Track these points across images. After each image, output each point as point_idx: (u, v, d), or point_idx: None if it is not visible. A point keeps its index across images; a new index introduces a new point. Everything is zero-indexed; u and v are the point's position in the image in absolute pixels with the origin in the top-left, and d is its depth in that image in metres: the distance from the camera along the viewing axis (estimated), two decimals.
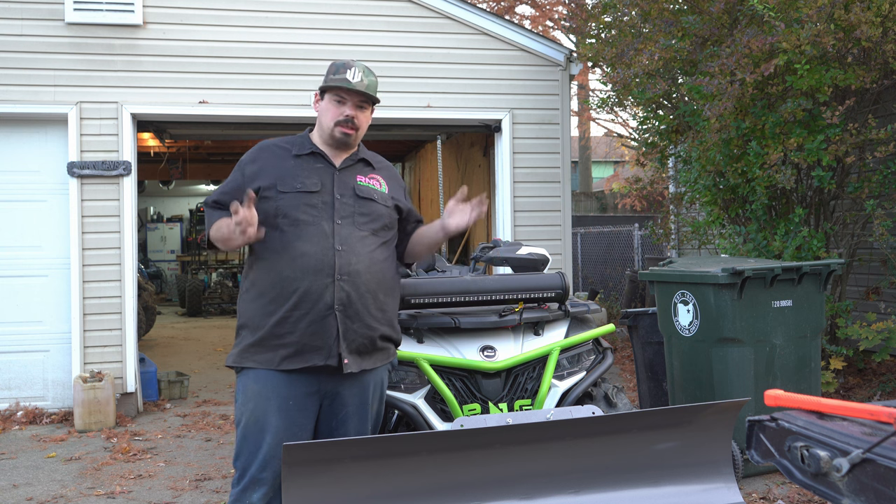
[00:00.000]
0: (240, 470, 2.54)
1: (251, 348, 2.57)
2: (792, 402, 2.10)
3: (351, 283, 2.57)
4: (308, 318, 2.53)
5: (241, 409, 2.57)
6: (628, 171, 17.01)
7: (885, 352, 5.44)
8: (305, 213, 2.57)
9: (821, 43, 4.86)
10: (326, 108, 2.70)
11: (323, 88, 2.72)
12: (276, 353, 2.54)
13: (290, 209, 2.57)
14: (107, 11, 6.19)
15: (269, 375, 2.54)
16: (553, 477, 2.38)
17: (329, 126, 2.68)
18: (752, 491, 4.07)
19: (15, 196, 6.21)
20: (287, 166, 2.65)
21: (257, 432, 2.52)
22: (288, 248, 2.55)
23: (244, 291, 2.66)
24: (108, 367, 6.10)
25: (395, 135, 8.54)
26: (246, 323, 2.62)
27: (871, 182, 5.53)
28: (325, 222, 2.59)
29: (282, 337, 2.53)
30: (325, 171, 2.67)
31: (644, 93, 6.02)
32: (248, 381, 2.57)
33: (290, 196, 2.58)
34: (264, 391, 2.54)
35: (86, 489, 4.42)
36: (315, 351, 2.54)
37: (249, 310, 2.61)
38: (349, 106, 2.68)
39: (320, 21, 6.60)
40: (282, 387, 2.54)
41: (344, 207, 2.63)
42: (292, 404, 2.55)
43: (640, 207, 14.50)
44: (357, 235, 2.63)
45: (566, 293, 3.33)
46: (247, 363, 2.57)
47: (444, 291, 3.13)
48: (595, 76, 16.46)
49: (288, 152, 2.69)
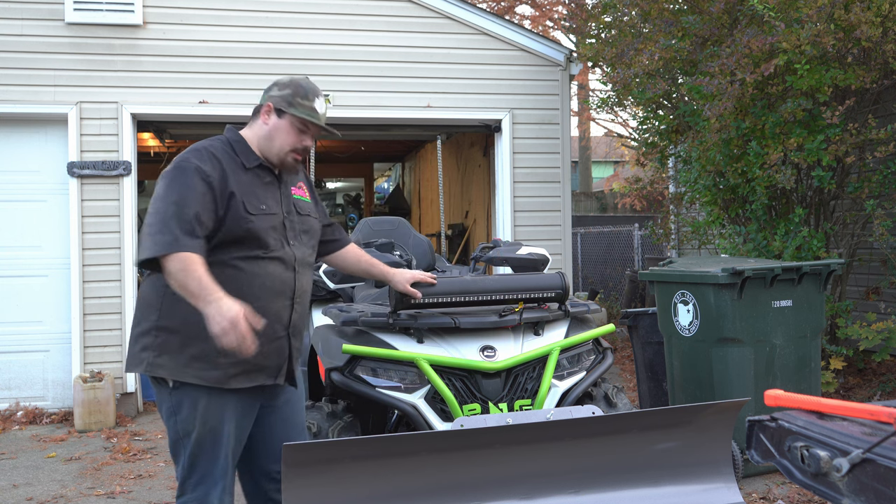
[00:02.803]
0: (197, 476, 2.47)
1: (194, 363, 2.42)
2: (792, 402, 2.10)
3: (300, 304, 2.62)
4: (263, 339, 2.43)
5: (188, 422, 2.44)
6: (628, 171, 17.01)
7: (885, 352, 5.44)
8: (270, 235, 2.51)
9: (821, 43, 4.86)
10: (285, 131, 2.56)
11: (284, 109, 2.56)
12: (224, 372, 2.43)
13: (260, 232, 2.47)
14: (107, 11, 6.19)
15: (220, 392, 2.45)
16: (553, 477, 2.39)
17: (283, 150, 2.56)
18: (752, 491, 4.07)
19: (15, 196, 6.22)
20: (244, 181, 2.50)
21: (213, 441, 2.46)
22: (252, 267, 2.47)
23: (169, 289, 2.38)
24: (108, 367, 6.10)
25: (395, 135, 8.54)
26: (178, 328, 2.42)
27: (871, 182, 5.53)
28: (285, 245, 2.56)
29: (229, 355, 2.37)
30: (273, 188, 2.59)
31: (644, 93, 6.02)
32: (198, 395, 2.43)
33: (258, 218, 2.47)
34: (217, 405, 2.46)
35: (86, 489, 4.42)
36: (263, 370, 2.53)
37: (182, 314, 2.39)
38: (309, 136, 2.61)
39: (320, 21, 6.60)
40: (232, 400, 2.49)
41: (293, 227, 2.62)
42: (241, 412, 2.53)
43: (640, 207, 14.50)
44: (305, 255, 2.66)
45: (566, 293, 3.33)
46: (189, 379, 2.42)
47: (444, 291, 3.13)
48: (595, 76, 16.47)
49: (236, 162, 2.52)
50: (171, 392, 2.46)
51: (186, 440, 2.47)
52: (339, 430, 3.19)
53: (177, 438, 2.49)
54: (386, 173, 18.18)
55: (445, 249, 8.80)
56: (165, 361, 2.43)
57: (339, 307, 3.47)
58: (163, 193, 2.40)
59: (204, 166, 2.42)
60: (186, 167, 2.41)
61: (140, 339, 2.49)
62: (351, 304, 3.79)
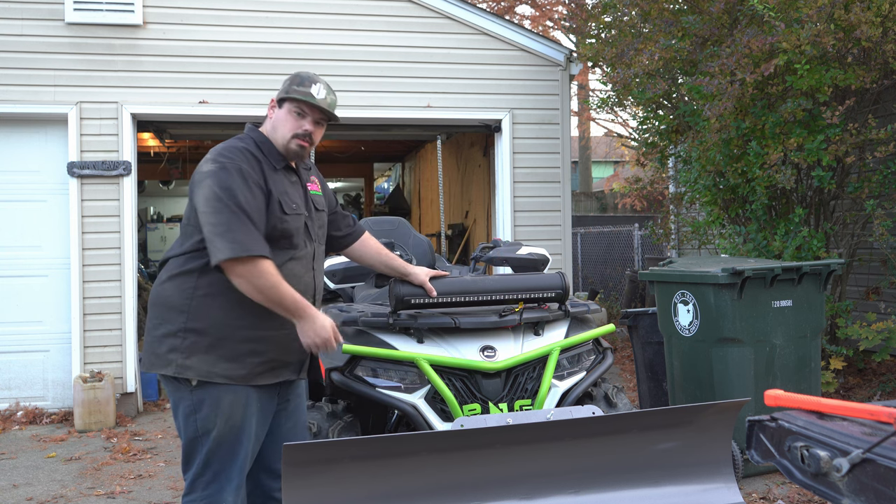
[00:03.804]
0: (210, 475, 2.51)
1: (222, 363, 2.49)
2: (792, 402, 2.10)
3: (318, 301, 2.73)
4: (289, 336, 2.58)
5: (209, 420, 2.49)
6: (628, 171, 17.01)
7: (885, 352, 5.44)
8: (299, 235, 2.61)
9: (821, 43, 4.86)
10: (285, 119, 2.63)
11: (283, 98, 2.63)
12: (249, 371, 2.52)
13: (293, 232, 2.57)
14: (107, 11, 6.19)
15: (244, 389, 2.52)
16: (553, 477, 2.39)
17: (285, 137, 2.62)
18: (752, 491, 4.07)
19: (15, 196, 6.22)
20: (277, 181, 2.57)
21: (234, 440, 2.51)
22: (282, 268, 2.51)
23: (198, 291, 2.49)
24: (108, 367, 6.11)
25: (395, 135, 8.55)
26: (207, 330, 2.48)
27: (871, 182, 5.53)
28: (308, 244, 2.66)
29: (258, 354, 2.52)
30: (299, 188, 2.68)
31: (644, 93, 6.02)
32: (220, 393, 2.49)
33: (292, 218, 2.57)
34: (241, 401, 2.51)
35: (86, 489, 4.42)
36: (286, 367, 2.64)
37: (211, 316, 2.49)
38: (308, 121, 2.65)
39: (320, 21, 6.60)
40: (254, 397, 2.56)
41: (313, 226, 2.69)
42: (261, 408, 2.60)
43: (640, 207, 14.50)
44: (320, 252, 2.74)
45: (566, 293, 3.33)
46: (216, 379, 2.48)
47: (444, 291, 3.13)
48: (595, 76, 16.46)
49: (268, 163, 2.59)
50: (191, 391, 2.50)
51: (205, 438, 2.50)
52: (339, 430, 3.19)
53: (195, 437, 2.52)
54: (386, 173, 18.18)
55: (445, 249, 8.80)
56: (194, 363, 2.48)
57: (339, 307, 3.47)
58: (218, 194, 2.42)
59: (248, 167, 2.49)
60: (230, 168, 2.46)
61: (165, 341, 2.52)
62: (351, 304, 3.79)
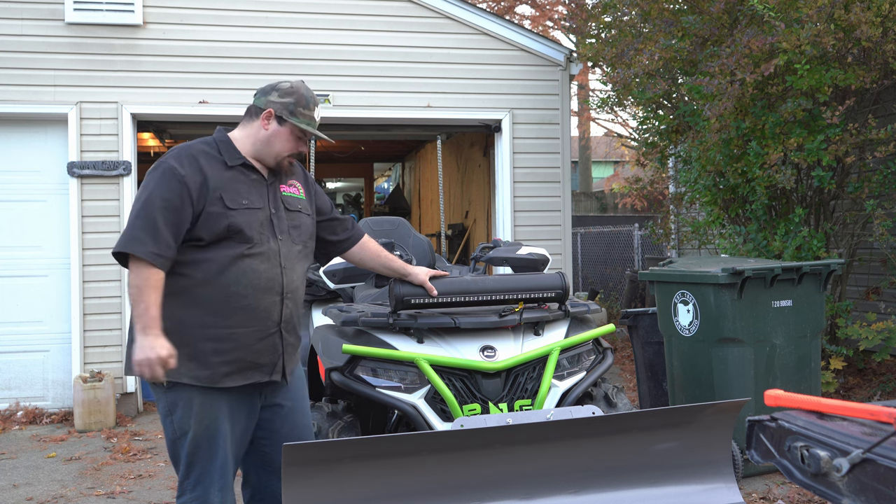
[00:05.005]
0: (195, 477, 2.50)
1: (188, 363, 2.45)
2: (792, 402, 2.10)
3: (292, 300, 2.65)
4: (254, 336, 2.52)
5: (184, 421, 2.48)
6: (628, 171, 17.01)
7: (885, 352, 5.44)
8: (254, 230, 2.55)
9: (821, 43, 4.86)
10: (284, 138, 2.65)
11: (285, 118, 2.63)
12: (214, 371, 2.48)
13: (243, 226, 2.51)
14: (107, 11, 6.19)
15: (211, 390, 2.49)
16: (553, 477, 2.39)
17: (281, 155, 2.66)
18: (752, 491, 4.07)
19: (15, 196, 6.21)
20: (225, 178, 2.55)
21: (210, 440, 2.49)
22: (237, 263, 2.50)
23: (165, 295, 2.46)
24: (108, 367, 6.10)
25: (395, 135, 8.55)
26: (172, 329, 2.43)
27: (871, 182, 5.53)
28: (271, 240, 2.60)
29: (222, 353, 2.47)
30: (260, 185, 2.64)
31: (644, 93, 6.02)
32: (192, 394, 2.47)
33: (239, 213, 2.52)
34: (209, 403, 2.49)
35: (86, 489, 4.42)
36: (257, 368, 2.56)
37: (176, 316, 2.46)
38: (305, 143, 2.71)
39: (320, 21, 6.60)
40: (223, 399, 2.52)
41: (281, 223, 2.65)
42: (237, 409, 2.56)
43: (640, 207, 14.49)
44: (294, 251, 2.69)
45: (566, 293, 3.33)
46: (183, 379, 2.46)
47: (444, 291, 3.13)
48: (595, 76, 16.45)
49: (219, 161, 2.58)
50: (165, 392, 2.51)
51: (183, 440, 2.50)
52: (339, 430, 3.19)
53: (174, 438, 2.52)
54: (386, 173, 18.19)
55: (445, 249, 8.79)
56: None
57: (339, 307, 3.47)
58: (140, 191, 2.51)
59: (179, 167, 2.49)
60: (163, 168, 2.51)
61: None
62: (351, 304, 3.79)
